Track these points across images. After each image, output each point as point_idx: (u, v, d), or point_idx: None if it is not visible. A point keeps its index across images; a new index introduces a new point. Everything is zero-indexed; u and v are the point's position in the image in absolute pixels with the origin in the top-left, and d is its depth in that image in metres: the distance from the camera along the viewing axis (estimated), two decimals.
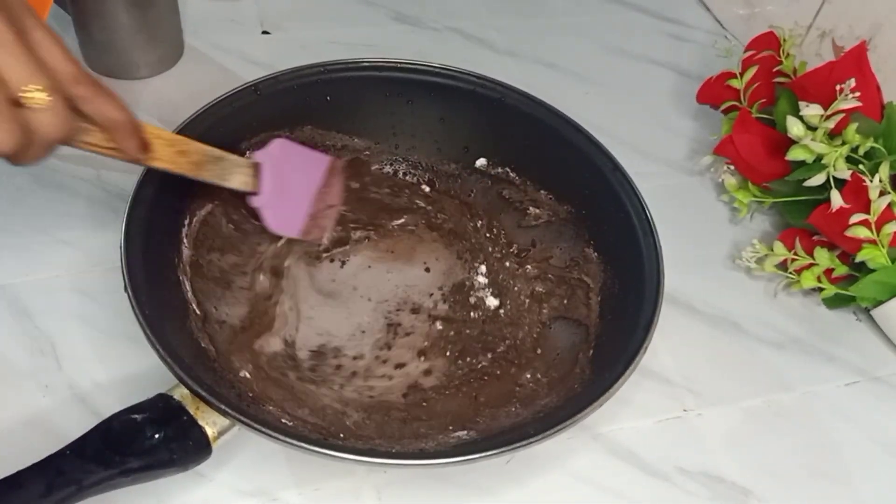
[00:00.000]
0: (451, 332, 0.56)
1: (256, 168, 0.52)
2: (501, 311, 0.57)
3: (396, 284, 0.57)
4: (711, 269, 0.64)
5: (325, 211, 0.57)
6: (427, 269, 0.59)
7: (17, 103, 0.37)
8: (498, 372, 0.54)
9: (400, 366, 0.53)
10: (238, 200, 0.54)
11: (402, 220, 0.60)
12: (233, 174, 0.51)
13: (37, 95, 0.37)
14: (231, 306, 0.53)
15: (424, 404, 0.51)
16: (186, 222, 0.53)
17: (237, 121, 0.55)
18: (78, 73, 0.40)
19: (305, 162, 0.56)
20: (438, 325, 0.56)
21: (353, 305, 0.56)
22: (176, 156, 0.47)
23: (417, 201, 0.61)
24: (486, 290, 0.58)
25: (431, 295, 0.57)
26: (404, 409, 0.51)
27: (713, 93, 0.70)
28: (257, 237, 0.57)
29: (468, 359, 0.54)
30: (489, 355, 0.55)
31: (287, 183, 0.54)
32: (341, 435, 0.48)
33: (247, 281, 0.55)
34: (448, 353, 0.54)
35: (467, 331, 0.56)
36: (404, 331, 0.55)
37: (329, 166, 0.57)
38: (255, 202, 0.53)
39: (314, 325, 0.54)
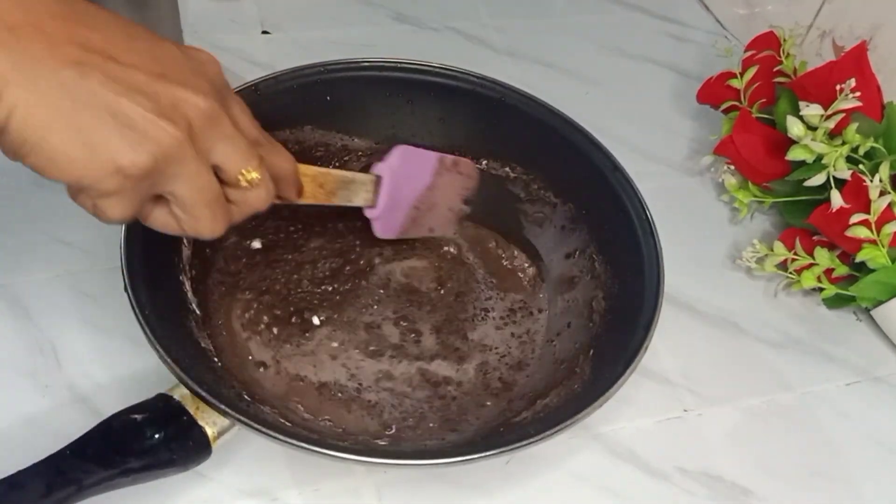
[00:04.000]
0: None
1: (378, 182, 0.52)
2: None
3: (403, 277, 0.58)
4: (711, 269, 0.64)
5: (433, 209, 0.56)
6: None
7: (231, 184, 0.38)
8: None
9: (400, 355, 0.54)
10: None
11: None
12: (358, 194, 0.50)
13: (252, 176, 0.37)
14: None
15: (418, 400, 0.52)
16: None
17: None
18: (262, 136, 0.40)
19: (420, 164, 0.56)
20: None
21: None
22: (316, 189, 0.46)
23: None
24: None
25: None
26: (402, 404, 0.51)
27: (713, 93, 0.70)
28: None
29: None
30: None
31: (400, 191, 0.54)
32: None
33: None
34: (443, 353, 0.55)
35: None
36: (410, 328, 0.55)
37: (437, 164, 0.57)
38: (369, 213, 0.52)
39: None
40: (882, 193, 0.56)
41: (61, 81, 0.32)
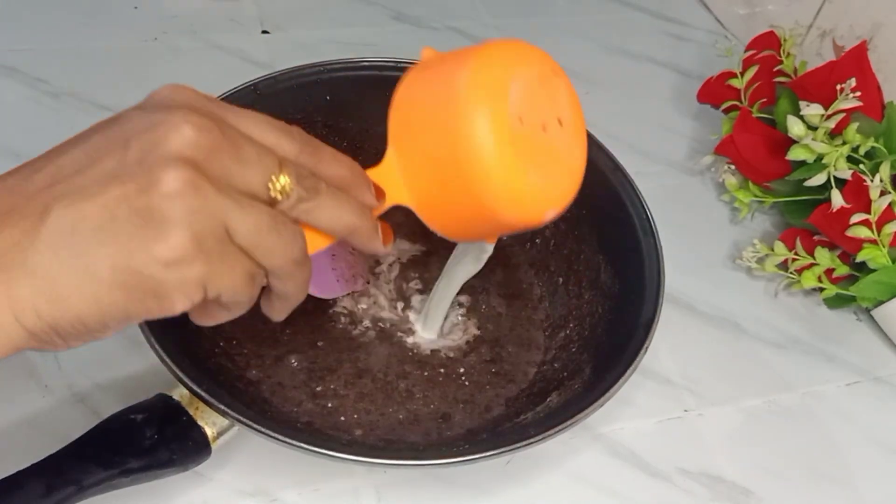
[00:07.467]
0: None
1: None
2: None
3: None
4: (712, 268, 0.64)
5: (352, 260, 0.57)
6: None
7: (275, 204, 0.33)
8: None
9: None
10: None
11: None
12: None
13: (282, 183, 0.33)
14: None
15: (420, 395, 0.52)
16: None
17: None
18: (295, 141, 0.35)
19: None
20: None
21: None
22: None
23: None
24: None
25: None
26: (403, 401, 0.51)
27: (714, 92, 0.70)
28: None
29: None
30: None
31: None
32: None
33: None
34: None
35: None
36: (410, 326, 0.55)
37: None
38: None
39: None
40: (882, 193, 0.56)
41: (47, 245, 0.29)
